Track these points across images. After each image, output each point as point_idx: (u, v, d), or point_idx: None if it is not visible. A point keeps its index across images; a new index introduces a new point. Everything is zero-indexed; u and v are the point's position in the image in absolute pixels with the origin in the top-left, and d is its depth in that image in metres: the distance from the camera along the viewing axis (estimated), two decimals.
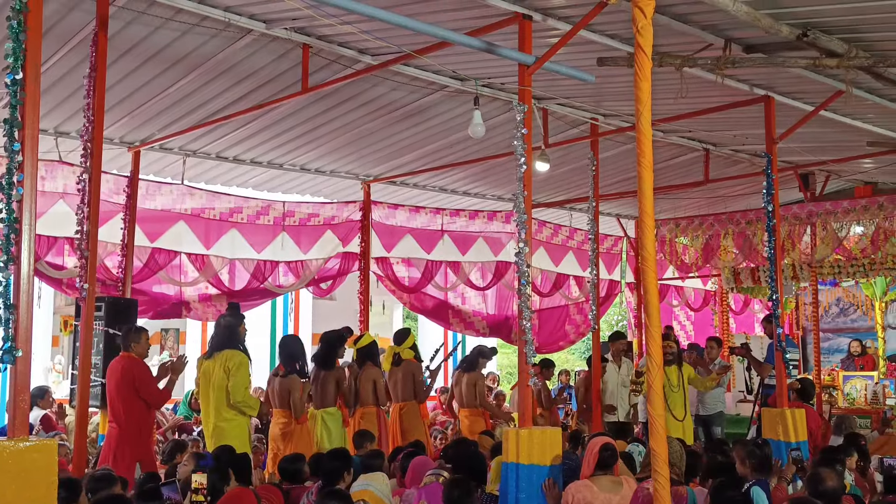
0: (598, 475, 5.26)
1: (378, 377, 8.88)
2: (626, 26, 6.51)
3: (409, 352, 9.47)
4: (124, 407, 7.23)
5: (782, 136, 8.39)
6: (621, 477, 5.28)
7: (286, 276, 11.34)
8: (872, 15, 6.30)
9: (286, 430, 8.04)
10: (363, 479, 5.62)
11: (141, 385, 7.27)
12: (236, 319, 7.80)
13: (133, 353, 7.41)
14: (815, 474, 5.00)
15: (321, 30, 7.41)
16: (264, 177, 11.31)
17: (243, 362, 7.47)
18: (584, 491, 5.20)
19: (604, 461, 5.26)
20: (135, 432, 7.23)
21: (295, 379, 8.05)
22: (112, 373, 7.44)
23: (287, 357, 8.28)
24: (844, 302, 16.19)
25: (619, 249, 15.18)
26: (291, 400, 8.01)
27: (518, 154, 6.12)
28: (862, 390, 13.22)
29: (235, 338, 7.63)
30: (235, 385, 7.36)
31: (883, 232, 11.76)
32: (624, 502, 5.16)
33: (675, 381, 9.62)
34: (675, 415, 9.43)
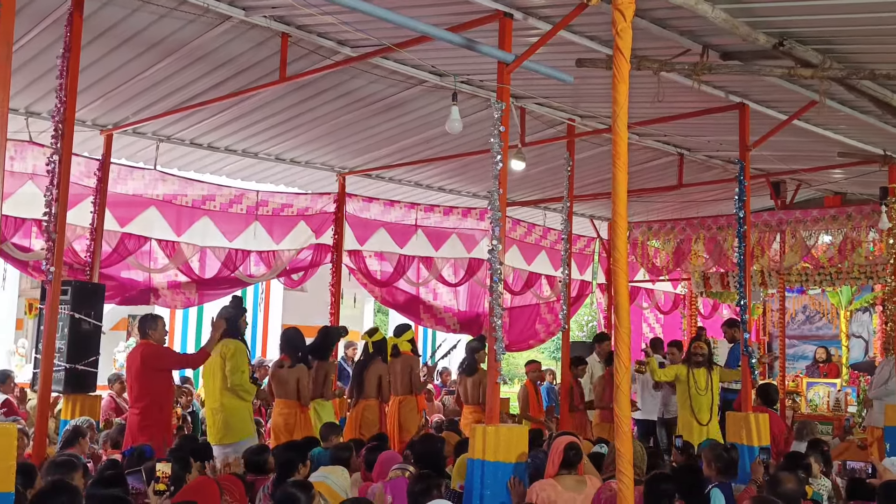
0: (562, 474, 5.28)
1: (384, 373, 9.22)
2: (606, 28, 6.54)
3: (406, 345, 9.75)
4: (144, 389, 7.51)
5: (755, 144, 8.46)
6: (585, 476, 5.31)
7: (257, 266, 11.28)
8: (847, 27, 6.38)
9: (290, 420, 8.31)
10: (322, 471, 5.61)
11: (168, 361, 7.78)
12: (238, 311, 8.13)
13: (151, 339, 7.69)
14: (775, 477, 5.06)
15: (301, 19, 7.36)
16: (238, 165, 11.24)
17: (239, 348, 7.81)
18: (548, 489, 5.23)
19: (568, 460, 5.28)
20: (156, 411, 7.50)
21: (302, 368, 8.38)
22: (132, 360, 7.72)
23: (292, 349, 8.54)
24: (811, 309, 16.39)
25: (591, 250, 15.26)
26: (300, 387, 8.29)
27: (494, 152, 6.13)
28: (825, 397, 13.41)
29: (235, 328, 7.95)
30: (232, 369, 7.67)
31: (850, 242, 11.91)
32: (587, 501, 5.19)
33: (702, 384, 9.39)
34: (699, 419, 9.25)
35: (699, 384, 9.32)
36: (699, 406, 9.25)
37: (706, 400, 9.29)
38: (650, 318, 17.56)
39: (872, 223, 11.38)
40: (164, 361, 7.72)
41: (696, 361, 9.43)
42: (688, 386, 9.36)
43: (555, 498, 5.15)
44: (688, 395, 9.36)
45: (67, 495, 4.20)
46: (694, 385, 9.31)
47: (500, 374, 6.25)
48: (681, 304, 16.78)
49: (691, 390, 9.31)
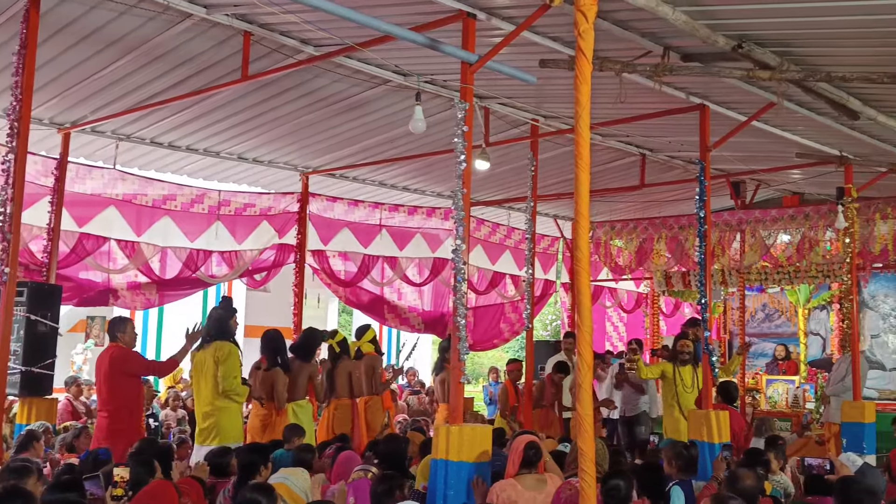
0: (523, 473, 5.28)
1: (354, 369, 9.24)
2: (569, 29, 6.57)
3: (368, 345, 9.77)
4: (113, 393, 7.52)
5: (716, 145, 8.55)
6: (546, 475, 5.32)
7: (219, 267, 11.18)
8: (804, 30, 6.47)
9: (266, 421, 8.33)
10: (282, 472, 5.59)
11: (136, 366, 7.75)
12: (228, 313, 8.10)
13: (120, 342, 7.70)
14: (734, 474, 5.12)
15: (263, 18, 7.31)
16: (200, 164, 11.13)
17: (233, 352, 7.77)
18: (508, 490, 5.23)
19: (528, 459, 5.28)
20: (126, 416, 7.53)
21: (278, 372, 8.35)
22: (101, 363, 7.71)
23: (271, 351, 8.52)
24: (770, 308, 16.59)
25: (555, 250, 15.34)
26: (275, 392, 8.29)
27: (458, 151, 6.12)
28: (784, 394, 13.62)
29: (226, 330, 7.92)
30: (225, 373, 7.65)
31: (808, 241, 12.09)
32: (549, 500, 5.20)
33: (689, 382, 9.38)
34: (686, 417, 9.07)
35: (685, 382, 9.34)
36: (686, 403, 9.23)
37: (693, 397, 9.26)
38: (613, 316, 17.71)
39: (829, 223, 11.56)
40: (133, 366, 7.72)
41: (682, 359, 9.45)
42: (674, 384, 9.38)
43: (515, 498, 5.15)
44: (674, 392, 9.40)
45: (22, 501, 4.13)
46: (681, 383, 9.33)
47: (464, 374, 6.25)
48: (643, 302, 16.93)
49: (678, 388, 9.33)
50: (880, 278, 14.32)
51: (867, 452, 9.36)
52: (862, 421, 9.61)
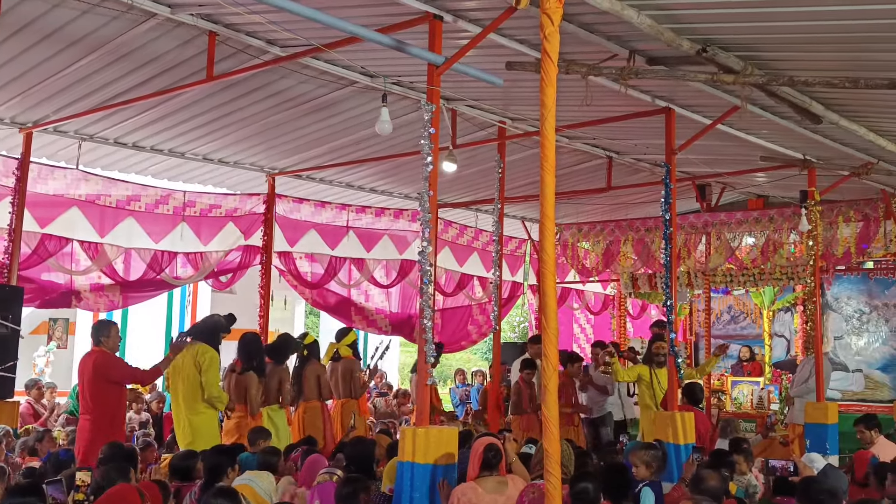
0: (483, 476, 5.26)
1: (322, 372, 9.28)
2: (535, 32, 6.57)
3: (346, 349, 9.88)
4: (96, 399, 7.57)
5: (681, 148, 8.61)
6: (508, 477, 5.30)
7: (184, 268, 11.08)
8: (767, 35, 6.53)
9: (241, 423, 8.30)
10: (248, 475, 5.56)
11: (119, 374, 7.71)
12: (225, 325, 8.20)
13: (104, 347, 7.73)
14: (699, 475, 5.15)
15: (228, 18, 7.25)
16: (165, 165, 11.02)
17: (214, 358, 7.81)
18: (469, 493, 5.19)
19: (488, 461, 5.25)
20: (108, 422, 7.55)
21: (252, 376, 8.34)
22: (83, 367, 7.74)
23: (245, 354, 8.51)
24: (735, 310, 16.76)
25: (522, 252, 15.37)
26: (248, 396, 8.28)
27: (425, 153, 6.12)
28: (749, 395, 13.75)
29: (215, 337, 8.01)
30: (209, 381, 7.71)
31: (772, 244, 12.22)
32: (510, 502, 5.19)
33: (665, 384, 9.16)
34: None
35: (662, 384, 9.22)
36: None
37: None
38: (581, 318, 17.79)
39: (793, 226, 11.69)
40: (116, 374, 7.71)
41: (658, 361, 9.39)
42: (651, 386, 9.33)
43: (476, 501, 5.12)
44: (652, 394, 9.35)
45: None
46: (658, 385, 9.25)
47: (432, 376, 6.24)
48: (610, 304, 17.02)
49: (655, 390, 9.27)
50: (843, 280, 14.52)
51: (830, 453, 9.47)
52: (825, 422, 9.71)
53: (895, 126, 8.66)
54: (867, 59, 6.74)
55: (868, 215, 11.74)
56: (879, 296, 14.24)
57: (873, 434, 8.21)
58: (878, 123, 8.59)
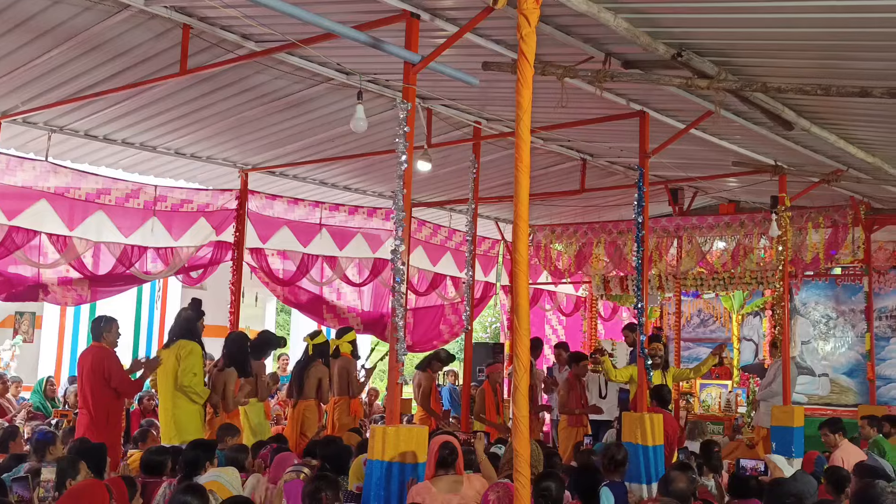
0: (440, 475, 5.25)
1: (324, 375, 9.50)
2: (512, 33, 6.59)
3: (347, 346, 10.16)
4: (94, 395, 7.72)
5: (655, 151, 8.65)
6: (464, 476, 5.28)
7: (154, 263, 10.95)
8: (741, 41, 6.59)
9: (212, 419, 8.41)
10: (213, 471, 5.55)
11: (112, 375, 7.77)
12: (196, 313, 8.37)
13: (104, 342, 7.90)
14: (667, 477, 5.19)
15: (203, 11, 7.19)
16: (136, 159, 10.90)
17: (194, 350, 8.00)
18: (423, 493, 5.18)
19: (443, 460, 5.23)
20: (103, 419, 7.70)
21: (230, 372, 8.46)
22: (83, 362, 7.92)
23: (229, 353, 8.68)
24: (705, 313, 16.89)
25: (496, 252, 15.39)
26: (224, 392, 8.40)
27: (399, 152, 6.10)
28: (717, 398, 13.87)
29: (193, 329, 8.20)
30: (184, 370, 7.88)
31: (743, 248, 12.33)
32: (465, 501, 5.18)
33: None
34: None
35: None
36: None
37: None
38: (553, 319, 17.84)
39: (763, 231, 11.80)
40: (114, 379, 7.79)
41: (652, 363, 9.26)
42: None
43: (430, 501, 5.11)
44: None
45: None
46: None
47: (402, 375, 6.23)
48: (582, 306, 17.08)
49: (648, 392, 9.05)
50: (811, 286, 14.69)
51: (796, 456, 9.56)
52: (791, 425, 9.80)
53: (865, 134, 8.76)
54: (839, 67, 6.81)
55: (837, 222, 11.88)
56: (846, 301, 14.43)
57: (837, 437, 8.30)
58: (848, 131, 8.69)
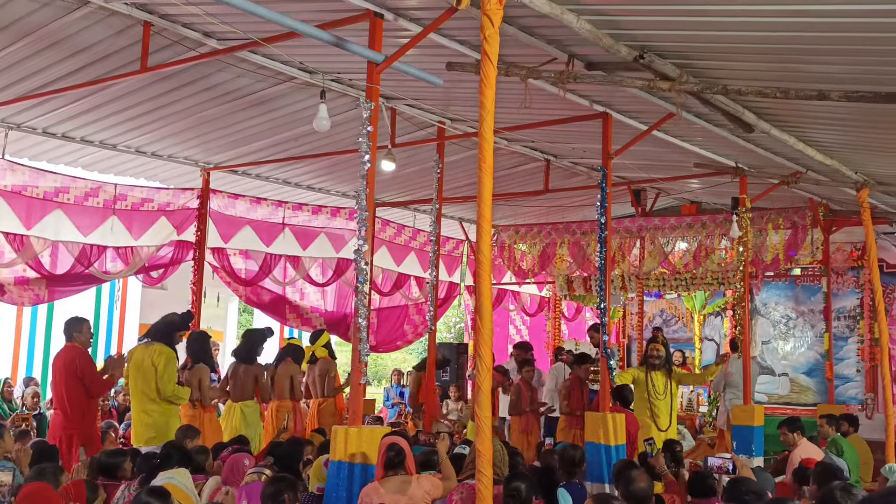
0: (388, 476, 5.25)
1: (296, 373, 9.74)
2: (476, 33, 6.53)
3: (322, 350, 10.33)
4: (68, 394, 7.77)
5: (617, 152, 8.70)
6: (413, 476, 5.28)
7: (114, 263, 10.82)
8: (702, 44, 6.65)
9: (194, 421, 8.43)
10: (165, 473, 5.51)
11: (84, 374, 7.82)
12: (181, 323, 8.46)
13: (76, 342, 7.94)
14: (627, 476, 5.21)
15: (164, 8, 7.11)
16: (95, 157, 10.74)
17: (171, 358, 8.06)
18: (371, 494, 5.20)
19: (390, 461, 5.25)
20: (78, 418, 7.76)
21: (202, 368, 8.64)
22: (56, 362, 8.00)
23: (193, 353, 8.82)
24: (667, 313, 17.03)
25: (460, 252, 15.42)
26: (200, 387, 8.53)
27: (362, 151, 6.08)
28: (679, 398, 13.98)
29: (171, 336, 8.25)
30: (165, 381, 7.94)
31: (704, 249, 12.45)
32: (413, 501, 5.19)
33: (661, 388, 8.99)
34: (658, 424, 8.85)
35: (657, 388, 8.98)
36: (658, 410, 8.89)
37: (664, 405, 8.94)
38: (516, 319, 17.90)
39: (725, 231, 11.90)
40: (87, 379, 7.83)
41: (652, 364, 9.10)
42: (646, 390, 9.00)
43: (377, 501, 5.13)
44: (646, 399, 9.07)
45: None
46: (652, 388, 8.96)
47: (365, 375, 6.20)
48: (546, 306, 17.16)
49: (650, 394, 8.98)
50: (771, 286, 14.87)
51: (756, 455, 9.68)
52: (751, 424, 9.91)
53: (823, 136, 8.88)
54: (797, 70, 6.90)
55: (796, 223, 12.04)
56: (806, 302, 14.62)
57: (796, 436, 8.40)
58: (807, 133, 8.81)
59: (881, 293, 9.10)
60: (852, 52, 6.18)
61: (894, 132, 8.33)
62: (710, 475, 6.17)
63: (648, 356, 9.27)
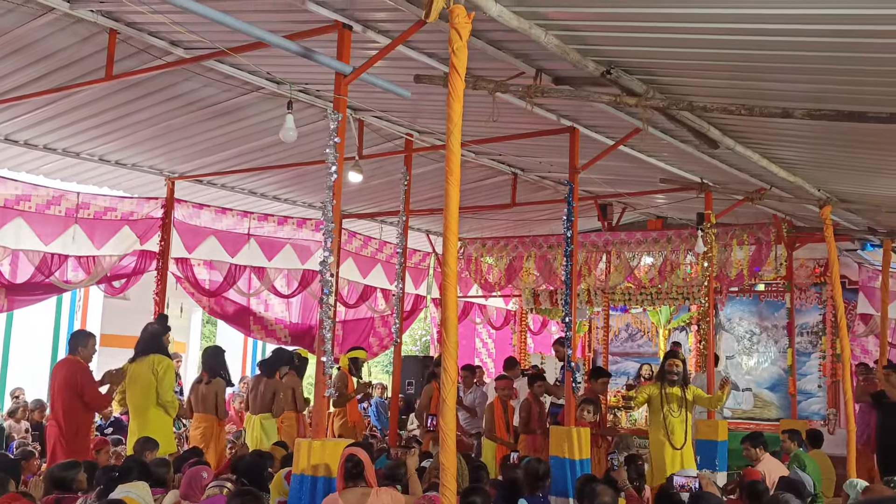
0: (348, 487, 5.22)
1: (297, 385, 9.93)
2: (444, 46, 6.55)
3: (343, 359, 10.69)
4: (64, 408, 7.87)
5: (584, 167, 8.75)
6: (373, 489, 5.25)
7: (75, 272, 10.67)
8: (668, 60, 6.70)
9: (207, 433, 8.83)
10: (124, 486, 5.43)
11: (84, 389, 7.93)
12: (162, 328, 8.66)
13: (79, 356, 8.05)
14: (592, 490, 5.22)
15: (130, 16, 7.04)
16: (58, 164, 10.60)
17: (170, 366, 8.27)
18: None
19: (349, 473, 5.21)
20: (73, 432, 7.84)
21: (219, 382, 8.98)
22: (56, 374, 8.14)
23: (209, 366, 9.13)
24: (633, 328, 17.11)
25: (426, 265, 15.39)
26: (217, 402, 8.86)
27: (329, 162, 6.06)
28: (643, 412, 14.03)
29: (160, 344, 8.41)
30: (164, 387, 8.11)
31: (670, 264, 12.54)
32: None
33: (676, 405, 8.60)
34: (672, 442, 8.49)
35: (672, 405, 8.61)
36: (673, 428, 8.56)
37: (680, 422, 8.58)
38: (482, 333, 17.90)
39: (690, 247, 12.00)
40: (87, 394, 7.94)
41: (670, 380, 8.72)
42: (661, 406, 8.64)
43: None
44: (661, 416, 8.64)
45: None
46: (667, 406, 8.60)
47: (329, 388, 6.16)
48: (512, 319, 17.18)
49: (664, 411, 8.60)
50: (736, 302, 15.01)
51: (719, 469, 9.73)
52: (715, 439, 9.96)
53: (787, 153, 8.99)
54: (762, 88, 6.98)
55: (760, 239, 12.18)
56: (769, 317, 14.77)
57: (758, 451, 8.46)
58: (771, 150, 8.91)
59: (843, 309, 9.19)
60: (816, 70, 6.27)
61: (856, 150, 8.45)
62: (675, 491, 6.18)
63: (666, 372, 8.82)
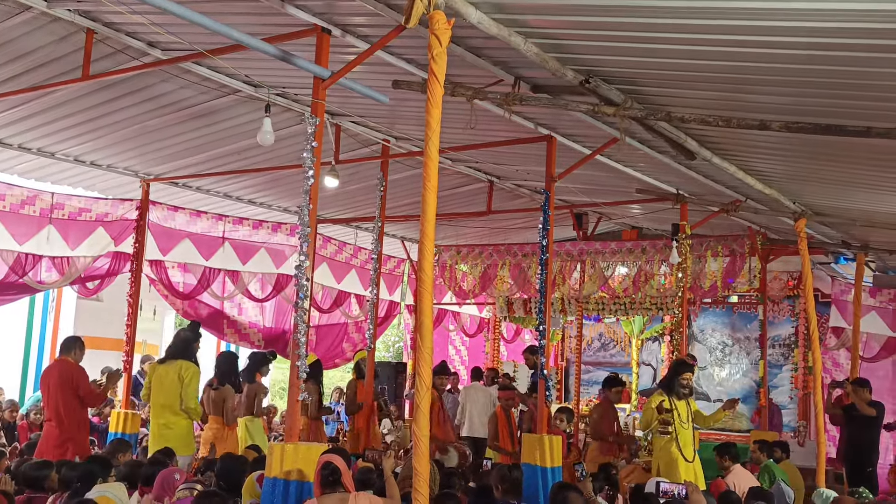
0: (326, 493, 5.21)
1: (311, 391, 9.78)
2: (424, 52, 6.56)
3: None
4: (64, 406, 8.25)
5: (561, 176, 8.77)
6: (351, 494, 5.25)
7: (49, 273, 10.57)
8: (647, 70, 6.75)
9: (218, 434, 9.16)
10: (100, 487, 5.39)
11: (80, 386, 8.33)
12: (194, 335, 8.95)
13: (70, 357, 8.45)
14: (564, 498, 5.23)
15: (108, 16, 6.99)
16: (32, 164, 10.50)
17: (196, 373, 8.68)
18: None
19: (325, 479, 5.20)
20: (73, 429, 8.25)
21: (228, 389, 9.29)
22: (48, 375, 8.50)
23: (221, 371, 9.48)
24: (606, 337, 17.21)
25: (401, 271, 15.39)
26: (224, 408, 9.17)
27: (306, 167, 6.05)
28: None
29: (190, 351, 8.79)
30: (189, 394, 8.52)
31: (644, 274, 12.62)
32: None
33: (685, 417, 8.45)
34: (685, 455, 8.26)
35: (682, 417, 8.41)
36: (684, 441, 8.34)
37: (688, 435, 8.44)
38: (456, 340, 17.90)
39: (664, 257, 12.07)
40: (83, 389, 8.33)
41: (682, 393, 8.56)
42: (671, 418, 8.43)
43: None
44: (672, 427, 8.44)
45: None
46: (677, 418, 8.40)
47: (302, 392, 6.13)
48: (485, 327, 17.20)
49: (675, 423, 8.41)
50: (709, 313, 15.13)
51: None
52: None
53: (763, 166, 9.07)
54: (740, 100, 7.04)
55: (735, 251, 12.28)
56: (742, 329, 14.91)
57: (727, 462, 8.50)
58: (747, 162, 8.98)
59: (816, 322, 9.28)
60: (794, 83, 6.32)
61: (833, 163, 8.54)
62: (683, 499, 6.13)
63: (679, 384, 8.59)
